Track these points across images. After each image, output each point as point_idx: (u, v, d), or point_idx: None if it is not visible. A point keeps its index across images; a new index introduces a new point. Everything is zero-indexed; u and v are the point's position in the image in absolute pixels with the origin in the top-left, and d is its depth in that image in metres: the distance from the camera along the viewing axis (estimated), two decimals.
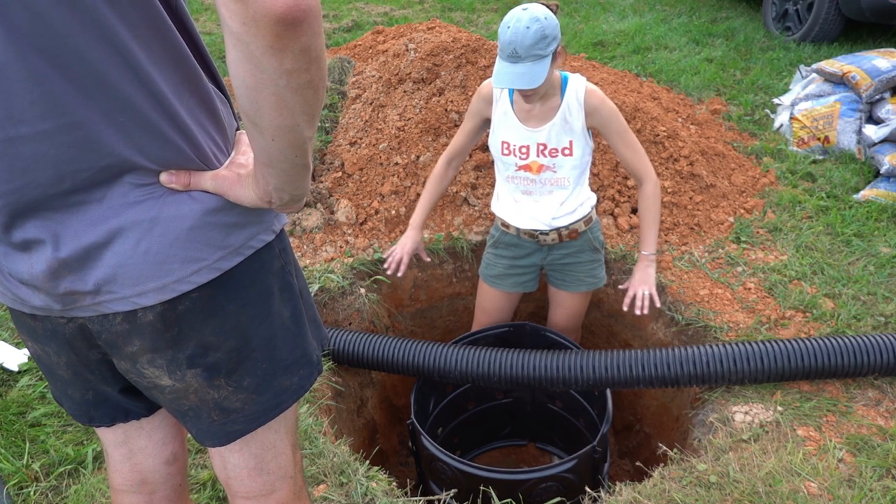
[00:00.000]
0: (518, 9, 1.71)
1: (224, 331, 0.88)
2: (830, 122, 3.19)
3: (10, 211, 0.76)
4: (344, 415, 2.33)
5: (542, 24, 1.66)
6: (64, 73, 0.69)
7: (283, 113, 0.68)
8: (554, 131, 1.91)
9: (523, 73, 1.70)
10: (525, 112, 1.93)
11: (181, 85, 0.78)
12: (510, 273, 2.24)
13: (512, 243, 2.19)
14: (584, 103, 1.87)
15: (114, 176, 0.77)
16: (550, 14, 1.71)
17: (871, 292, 2.31)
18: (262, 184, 0.80)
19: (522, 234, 2.12)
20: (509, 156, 1.99)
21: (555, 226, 2.05)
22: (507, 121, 1.96)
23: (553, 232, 2.06)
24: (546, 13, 1.69)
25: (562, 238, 2.09)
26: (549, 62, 1.71)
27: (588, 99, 1.87)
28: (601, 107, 1.88)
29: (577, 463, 1.88)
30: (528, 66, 1.69)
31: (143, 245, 0.79)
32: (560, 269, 2.19)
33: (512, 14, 1.71)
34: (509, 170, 2.03)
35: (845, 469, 1.70)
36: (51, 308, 0.84)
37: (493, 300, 2.32)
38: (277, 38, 0.60)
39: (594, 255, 2.17)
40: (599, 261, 2.20)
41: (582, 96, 1.87)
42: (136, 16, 0.71)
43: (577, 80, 1.89)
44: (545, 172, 1.98)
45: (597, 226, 2.16)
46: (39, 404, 2.01)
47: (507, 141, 1.98)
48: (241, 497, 1.08)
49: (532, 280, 2.29)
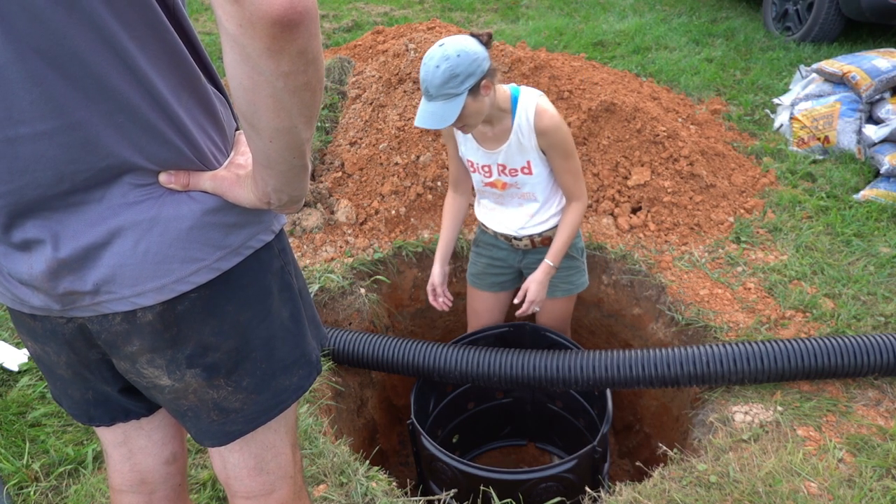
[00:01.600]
0: (435, 45, 1.67)
1: (223, 331, 0.88)
2: (830, 122, 3.19)
3: (10, 211, 0.76)
4: (344, 415, 2.33)
5: (452, 64, 1.61)
6: (63, 73, 0.69)
7: (281, 115, 0.68)
8: (510, 152, 1.90)
9: (434, 113, 1.68)
10: (481, 134, 1.92)
11: (179, 86, 0.78)
12: (489, 272, 2.26)
13: (490, 243, 2.21)
14: (534, 125, 1.83)
15: (113, 176, 0.77)
16: (468, 49, 1.64)
17: (871, 292, 2.31)
18: (261, 185, 0.80)
19: (499, 235, 2.14)
20: (475, 173, 2.02)
21: (524, 234, 2.06)
22: (468, 141, 1.96)
23: (525, 238, 2.07)
24: (461, 49, 1.63)
25: (535, 244, 2.09)
26: (462, 100, 1.66)
27: (538, 121, 1.82)
28: (550, 130, 1.83)
29: (577, 463, 1.88)
30: (439, 104, 1.67)
31: (143, 245, 0.79)
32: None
33: (429, 51, 1.68)
34: (478, 185, 2.06)
35: (845, 469, 1.70)
36: (50, 308, 0.84)
37: (480, 301, 2.34)
38: (274, 40, 0.60)
39: (570, 262, 2.15)
40: (577, 267, 2.18)
41: (532, 118, 1.82)
42: (134, 17, 0.71)
43: (528, 98, 1.84)
44: (510, 189, 1.99)
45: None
46: (39, 404, 2.01)
47: (470, 160, 1.99)
48: (240, 497, 1.08)
49: (510, 280, 2.29)
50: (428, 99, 1.69)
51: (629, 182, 2.87)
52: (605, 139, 2.96)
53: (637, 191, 2.86)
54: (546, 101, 1.86)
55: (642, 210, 2.83)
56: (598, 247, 2.67)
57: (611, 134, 2.97)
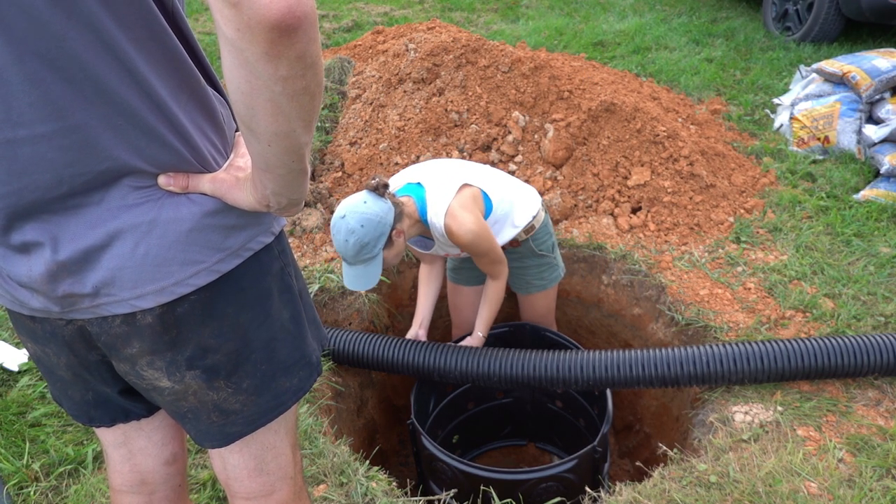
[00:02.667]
0: (338, 216, 1.72)
1: (223, 333, 0.88)
2: (830, 122, 3.19)
3: (9, 213, 0.76)
4: (344, 415, 2.33)
5: (359, 236, 1.68)
6: (61, 76, 0.69)
7: (279, 119, 0.68)
8: (442, 247, 2.00)
9: (358, 276, 1.76)
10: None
11: (179, 88, 0.78)
12: (465, 266, 2.32)
13: None
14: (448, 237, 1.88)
15: (112, 179, 0.77)
16: (369, 215, 1.68)
17: (871, 292, 2.31)
18: (260, 188, 0.80)
19: None
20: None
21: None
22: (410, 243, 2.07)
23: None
24: (363, 217, 1.68)
25: (504, 248, 2.12)
26: (380, 259, 1.75)
27: (450, 238, 1.87)
28: (463, 244, 1.88)
29: (577, 463, 1.88)
30: (360, 269, 1.75)
31: (142, 248, 0.79)
32: (510, 273, 2.23)
33: (333, 222, 1.73)
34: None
35: (845, 469, 1.70)
36: (50, 310, 0.84)
37: (460, 296, 2.38)
38: (272, 44, 0.60)
39: (539, 259, 2.21)
40: (548, 263, 2.24)
41: (446, 235, 1.87)
42: (133, 19, 0.71)
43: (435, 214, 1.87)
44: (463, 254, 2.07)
45: (541, 232, 2.17)
46: (39, 404, 2.01)
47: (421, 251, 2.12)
48: (241, 498, 1.08)
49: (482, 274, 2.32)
50: (349, 264, 1.76)
51: (629, 182, 2.87)
52: (605, 139, 2.96)
53: (637, 191, 2.86)
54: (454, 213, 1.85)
55: (642, 210, 2.83)
56: (598, 247, 2.67)
57: (611, 134, 2.97)
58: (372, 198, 1.72)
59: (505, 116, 3.04)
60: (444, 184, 1.91)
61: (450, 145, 2.97)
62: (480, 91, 3.10)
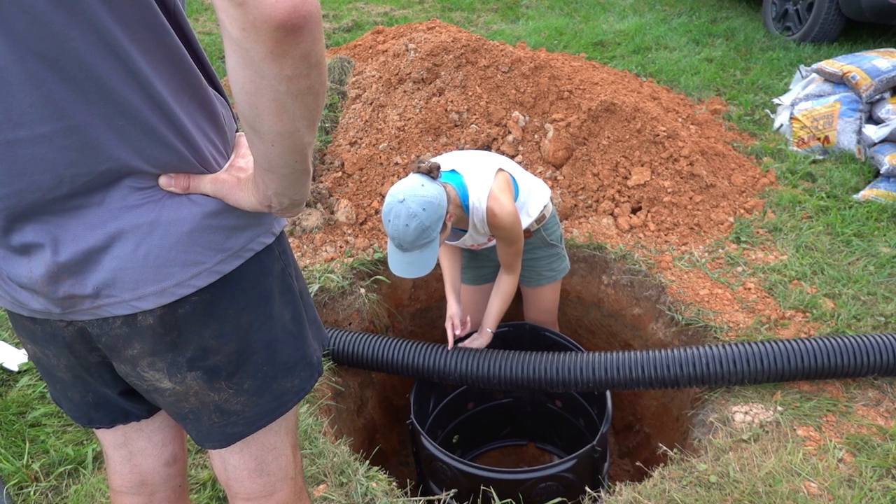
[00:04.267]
0: (395, 199, 1.66)
1: (224, 334, 0.88)
2: (830, 122, 3.19)
3: (9, 215, 0.76)
4: (344, 415, 2.33)
5: (421, 220, 1.63)
6: (63, 76, 0.69)
7: (283, 118, 0.68)
8: (472, 237, 1.99)
9: (412, 262, 1.71)
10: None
11: (180, 88, 0.78)
12: (471, 265, 2.32)
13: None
14: (489, 224, 1.87)
15: (113, 180, 0.77)
16: (429, 198, 1.65)
17: (871, 292, 2.31)
18: (262, 188, 0.79)
19: None
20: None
21: None
22: None
23: None
24: (424, 200, 1.64)
25: None
26: (437, 243, 1.70)
27: (491, 220, 1.86)
28: (501, 227, 1.88)
29: (577, 463, 1.88)
30: (415, 255, 1.70)
31: (143, 249, 0.79)
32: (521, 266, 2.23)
33: (390, 206, 1.67)
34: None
35: (845, 469, 1.70)
36: (50, 311, 0.83)
37: (466, 294, 2.37)
38: (277, 44, 0.60)
39: (550, 249, 2.22)
40: (558, 254, 2.25)
41: (485, 218, 1.86)
42: (135, 20, 0.71)
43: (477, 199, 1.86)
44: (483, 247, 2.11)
45: (551, 222, 2.19)
46: (39, 404, 2.01)
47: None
48: (241, 498, 1.08)
49: (493, 272, 2.33)
50: (402, 251, 1.71)
51: (629, 182, 2.87)
52: (605, 139, 2.96)
53: (637, 191, 2.86)
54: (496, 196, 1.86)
55: (642, 210, 2.83)
56: (598, 247, 2.67)
57: (611, 134, 2.97)
58: (428, 181, 1.69)
59: (505, 116, 3.04)
60: (481, 169, 1.91)
61: (450, 145, 2.97)
62: (480, 91, 3.10)
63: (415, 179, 1.70)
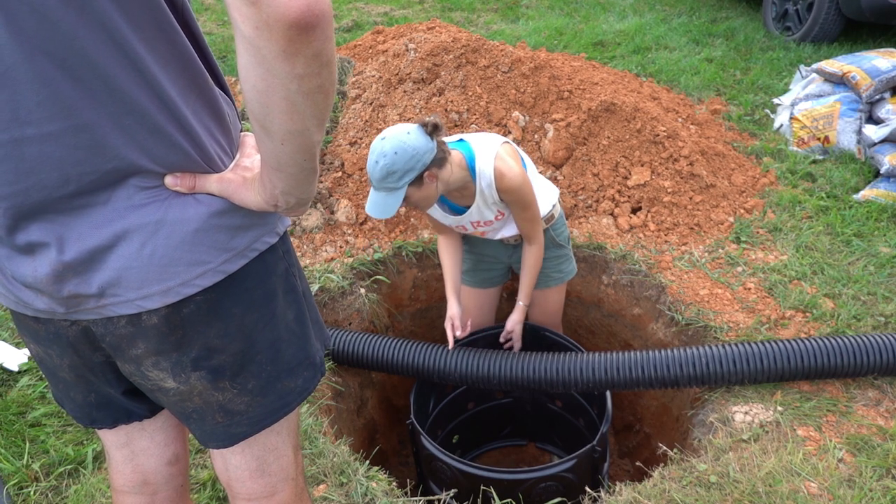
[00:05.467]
0: (379, 136, 1.69)
1: (229, 333, 0.88)
2: (830, 122, 3.19)
3: (15, 213, 0.76)
4: (344, 415, 2.33)
5: (390, 161, 1.63)
6: (71, 75, 0.69)
7: (294, 117, 0.68)
8: (479, 210, 1.96)
9: (377, 203, 1.71)
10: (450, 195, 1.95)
11: (187, 88, 0.78)
12: (479, 268, 2.31)
13: (478, 241, 2.24)
14: (496, 186, 1.86)
15: (119, 179, 0.77)
16: (407, 146, 1.64)
17: (871, 292, 2.31)
18: (269, 187, 0.80)
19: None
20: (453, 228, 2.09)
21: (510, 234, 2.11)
22: (435, 210, 2.01)
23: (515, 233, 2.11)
24: (400, 146, 1.64)
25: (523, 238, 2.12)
26: (401, 194, 1.69)
27: (499, 183, 1.85)
28: (512, 189, 1.86)
29: (577, 463, 1.88)
30: (382, 195, 1.70)
31: (148, 248, 0.79)
32: None
33: (374, 141, 1.69)
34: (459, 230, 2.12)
35: (845, 469, 1.70)
36: (54, 311, 0.83)
37: (470, 298, 2.36)
38: (290, 42, 0.60)
39: (558, 250, 2.22)
40: (565, 255, 2.25)
41: (492, 181, 1.85)
42: (144, 19, 0.71)
43: (485, 160, 1.86)
44: (489, 232, 2.08)
45: (559, 223, 2.19)
46: (39, 404, 2.01)
47: (443, 223, 2.06)
48: (242, 499, 1.08)
49: (500, 275, 2.34)
50: (374, 188, 1.72)
51: (629, 182, 2.87)
52: (605, 139, 2.96)
53: (637, 191, 2.86)
54: (503, 157, 1.86)
55: (642, 210, 2.83)
56: (598, 247, 2.67)
57: (611, 134, 2.97)
58: (418, 132, 1.68)
59: (505, 116, 3.04)
60: (488, 138, 1.93)
61: None
62: (480, 91, 3.10)
63: (406, 126, 1.70)
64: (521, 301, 2.17)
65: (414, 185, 1.71)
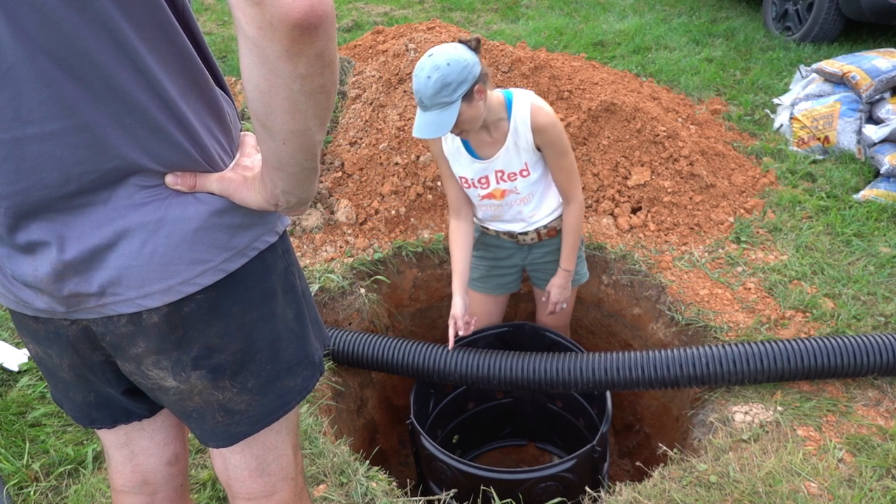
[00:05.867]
0: (426, 55, 1.69)
1: (229, 332, 0.88)
2: (830, 122, 3.19)
3: (15, 212, 0.76)
4: (344, 415, 2.33)
5: (443, 73, 1.62)
6: (72, 74, 0.69)
7: (296, 117, 0.69)
8: (508, 156, 1.91)
9: (430, 122, 1.69)
10: (478, 141, 1.92)
11: (188, 87, 0.78)
12: (492, 274, 2.25)
13: (493, 244, 2.20)
14: (532, 122, 1.84)
15: (119, 178, 0.77)
16: (457, 57, 1.65)
17: (871, 292, 2.31)
18: (270, 187, 0.80)
19: (502, 234, 2.14)
20: (470, 188, 2.01)
21: (531, 228, 2.07)
22: (461, 157, 1.96)
23: (532, 231, 2.08)
24: (451, 58, 1.64)
25: (541, 237, 2.10)
26: (456, 108, 1.68)
27: (535, 118, 1.83)
28: (548, 127, 1.84)
29: (577, 463, 1.88)
30: (435, 114, 1.69)
31: (149, 247, 0.79)
32: (542, 268, 2.20)
33: (419, 62, 1.69)
34: (475, 199, 2.05)
35: (845, 469, 1.70)
36: (54, 310, 0.83)
37: (480, 304, 2.31)
38: (293, 42, 0.61)
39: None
40: (579, 258, 2.21)
41: (528, 117, 1.84)
42: (145, 18, 0.71)
43: (522, 99, 1.86)
44: (509, 196, 2.00)
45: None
46: (39, 404, 2.01)
47: (464, 176, 1.99)
48: (241, 498, 1.08)
49: (514, 281, 2.30)
50: (423, 109, 1.70)
51: (629, 182, 2.87)
52: (605, 139, 2.97)
53: (637, 191, 2.86)
54: (540, 99, 1.87)
55: (642, 210, 2.83)
56: (598, 247, 2.67)
57: (611, 134, 2.97)
58: (464, 47, 1.70)
59: None
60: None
61: None
62: None
63: (448, 44, 1.71)
64: (565, 266, 2.10)
65: (465, 101, 1.70)
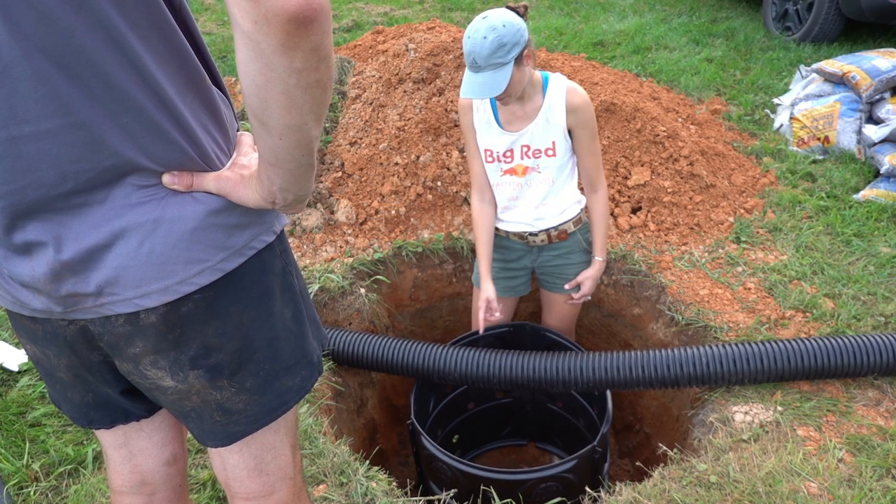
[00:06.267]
0: (479, 17, 1.72)
1: (226, 332, 0.88)
2: (830, 122, 3.19)
3: (12, 212, 0.76)
4: (344, 415, 2.33)
5: (500, 34, 1.67)
6: (68, 73, 0.69)
7: (292, 112, 0.69)
8: (537, 132, 1.93)
9: (484, 83, 1.72)
10: (509, 114, 1.94)
11: (185, 86, 0.78)
12: (501, 277, 2.23)
13: (502, 245, 2.19)
14: (567, 101, 1.88)
15: (116, 177, 0.77)
16: (511, 20, 1.70)
17: (871, 292, 2.31)
18: (267, 184, 0.80)
19: (512, 236, 2.13)
20: (493, 163, 2.01)
21: (542, 227, 2.05)
22: (490, 129, 1.97)
23: (542, 233, 2.07)
24: (505, 20, 1.69)
25: (551, 239, 2.09)
26: (510, 69, 1.71)
27: (570, 97, 1.88)
28: (582, 107, 1.89)
29: (577, 463, 1.88)
30: (488, 74, 1.71)
31: (146, 246, 0.79)
32: (551, 271, 2.19)
33: (472, 23, 1.72)
34: (495, 177, 2.05)
35: (845, 469, 1.70)
36: (52, 310, 0.83)
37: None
38: (289, 36, 0.61)
39: (585, 256, 2.16)
40: (589, 262, 2.18)
41: (563, 94, 1.88)
42: (141, 17, 0.71)
43: (558, 80, 1.91)
44: (530, 174, 2.00)
45: (587, 227, 2.15)
46: (39, 404, 2.01)
47: (489, 149, 2.00)
48: (240, 498, 1.08)
49: (523, 284, 2.29)
50: (475, 71, 1.73)
51: (629, 182, 2.87)
52: (605, 139, 2.96)
53: (637, 191, 2.86)
54: (575, 83, 1.92)
55: (642, 210, 2.83)
56: None
57: (611, 134, 2.97)
58: (514, 13, 1.74)
59: None
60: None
61: (450, 145, 2.97)
62: None
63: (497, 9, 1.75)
64: (599, 256, 2.12)
65: (516, 65, 1.74)
